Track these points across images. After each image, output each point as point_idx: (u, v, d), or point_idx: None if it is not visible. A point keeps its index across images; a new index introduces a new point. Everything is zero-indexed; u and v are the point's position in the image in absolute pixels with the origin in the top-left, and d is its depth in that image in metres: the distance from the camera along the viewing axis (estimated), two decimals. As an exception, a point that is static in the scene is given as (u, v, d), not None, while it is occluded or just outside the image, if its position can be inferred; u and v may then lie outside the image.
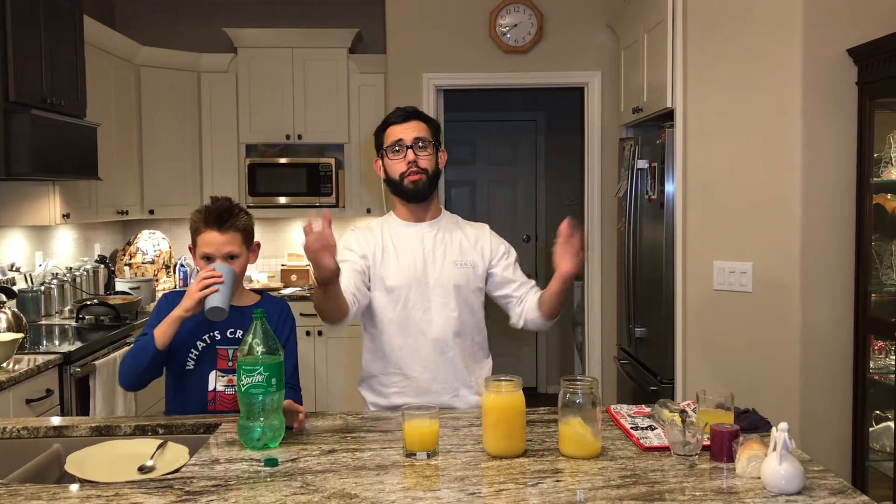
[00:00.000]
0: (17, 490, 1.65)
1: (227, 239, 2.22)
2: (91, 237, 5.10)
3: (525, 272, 2.48)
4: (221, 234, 2.22)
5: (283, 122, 5.35)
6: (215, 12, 5.58)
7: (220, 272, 2.12)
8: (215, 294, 2.09)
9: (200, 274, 2.13)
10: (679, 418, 1.93)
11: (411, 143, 2.30)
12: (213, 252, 2.22)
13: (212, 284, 2.09)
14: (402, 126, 2.32)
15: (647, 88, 4.06)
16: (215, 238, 2.22)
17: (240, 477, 1.72)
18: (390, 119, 2.36)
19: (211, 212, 2.23)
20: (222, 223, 2.22)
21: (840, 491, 1.62)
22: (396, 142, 2.31)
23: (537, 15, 4.80)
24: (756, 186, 3.38)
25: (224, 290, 2.10)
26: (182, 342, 2.21)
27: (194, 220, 2.26)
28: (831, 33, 3.24)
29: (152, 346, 2.13)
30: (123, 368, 2.22)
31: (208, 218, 2.22)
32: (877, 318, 3.18)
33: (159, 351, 2.14)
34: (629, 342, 4.35)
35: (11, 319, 3.39)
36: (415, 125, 2.33)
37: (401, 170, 2.31)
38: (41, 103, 3.47)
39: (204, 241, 2.23)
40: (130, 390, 2.24)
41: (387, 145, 2.34)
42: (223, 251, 2.22)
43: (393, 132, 2.33)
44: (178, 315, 2.12)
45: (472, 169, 6.73)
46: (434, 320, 2.32)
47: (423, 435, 1.85)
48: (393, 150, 2.32)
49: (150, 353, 2.14)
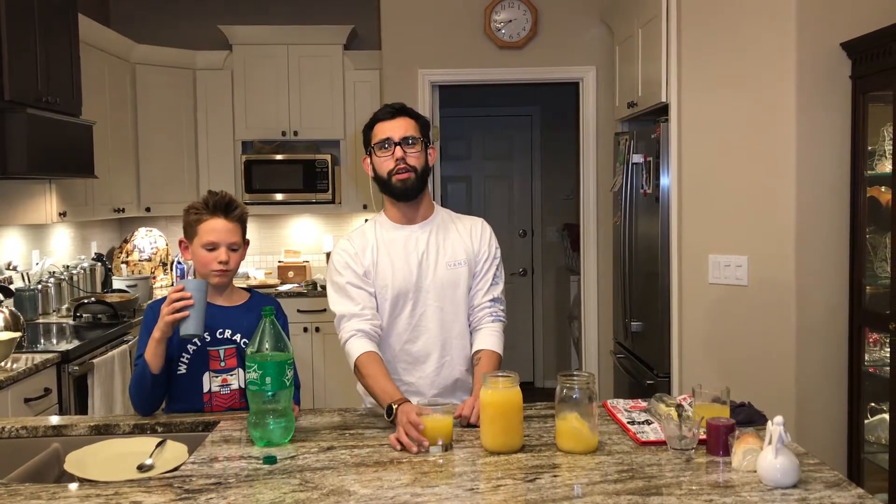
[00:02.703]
0: (17, 490, 1.66)
1: (232, 228, 2.22)
2: (88, 235, 5.10)
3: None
4: (228, 222, 2.21)
5: (279, 119, 5.35)
6: (210, 9, 5.57)
7: (190, 291, 2.06)
8: (187, 319, 2.04)
9: (169, 296, 2.07)
10: (675, 413, 1.94)
11: (399, 141, 2.24)
12: (219, 240, 2.20)
13: (182, 309, 2.04)
14: (390, 123, 2.26)
15: (642, 83, 4.07)
16: (222, 225, 2.20)
17: (239, 475, 1.73)
18: (378, 116, 2.30)
19: (217, 199, 2.22)
20: (229, 211, 2.22)
21: (835, 484, 1.63)
22: (384, 139, 2.25)
23: (532, 10, 4.80)
24: (751, 180, 3.39)
25: (195, 312, 2.05)
26: (172, 350, 2.18)
27: (194, 210, 2.23)
28: (825, 27, 3.25)
29: (149, 372, 2.13)
30: (133, 398, 2.21)
31: (215, 206, 2.21)
32: (871, 310, 3.19)
33: (156, 375, 2.14)
34: (625, 336, 4.36)
35: (9, 318, 3.39)
36: (403, 122, 2.26)
37: (389, 167, 2.25)
38: (36, 102, 3.47)
39: (209, 227, 2.20)
40: (148, 414, 2.21)
41: (375, 143, 2.27)
42: (228, 240, 2.21)
43: (381, 129, 2.27)
44: (157, 338, 2.10)
45: (468, 164, 6.73)
46: (429, 324, 2.30)
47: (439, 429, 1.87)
48: (381, 147, 2.25)
49: (148, 380, 2.14)
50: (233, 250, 2.22)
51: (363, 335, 2.21)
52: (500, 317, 2.36)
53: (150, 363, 2.12)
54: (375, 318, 2.26)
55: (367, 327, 2.22)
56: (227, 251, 2.21)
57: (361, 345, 2.19)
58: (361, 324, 2.22)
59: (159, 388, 2.18)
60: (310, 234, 5.79)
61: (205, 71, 5.34)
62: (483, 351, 2.29)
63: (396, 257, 2.30)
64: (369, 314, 2.24)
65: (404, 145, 2.24)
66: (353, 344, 2.20)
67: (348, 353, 2.21)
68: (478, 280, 2.36)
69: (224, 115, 5.36)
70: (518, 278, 6.52)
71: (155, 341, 2.10)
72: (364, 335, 2.21)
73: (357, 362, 2.18)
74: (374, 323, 2.24)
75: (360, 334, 2.20)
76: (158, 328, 2.08)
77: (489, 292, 2.36)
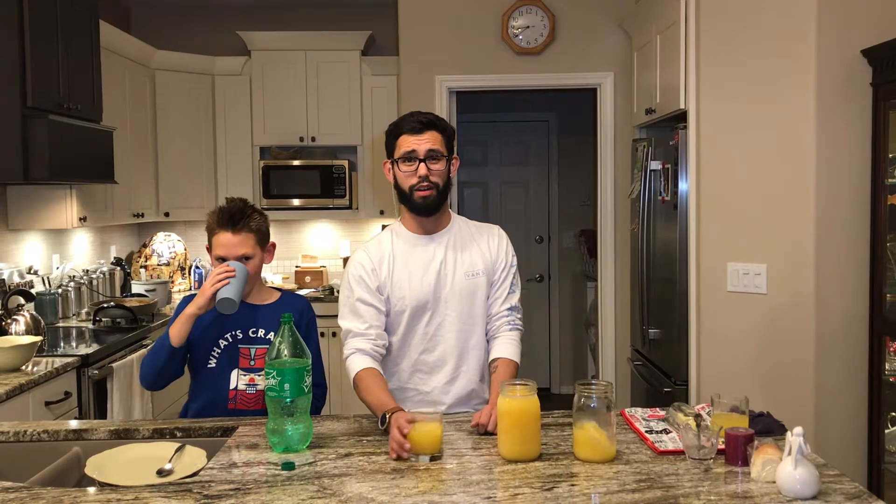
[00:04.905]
0: (39, 493, 1.67)
1: (240, 240, 2.26)
2: (107, 240, 5.14)
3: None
4: (234, 235, 2.26)
5: (297, 125, 5.38)
6: (229, 16, 5.61)
7: (233, 267, 2.18)
8: (226, 286, 2.15)
9: (213, 271, 2.19)
10: (694, 422, 1.93)
11: (424, 157, 2.21)
12: (226, 254, 2.26)
13: (224, 278, 2.14)
14: (415, 137, 2.22)
15: (660, 89, 4.06)
16: (228, 239, 2.26)
17: (258, 480, 1.74)
18: (404, 127, 2.25)
19: (224, 213, 2.27)
20: (235, 224, 2.26)
21: (856, 496, 1.62)
22: (409, 153, 2.22)
23: (549, 16, 4.80)
24: (770, 188, 3.37)
25: (235, 283, 2.16)
26: (204, 341, 2.26)
27: (209, 221, 2.30)
28: (845, 34, 3.23)
29: (168, 343, 2.20)
30: (143, 367, 2.28)
31: (221, 219, 2.27)
32: (892, 319, 3.16)
33: (175, 348, 2.19)
34: (643, 343, 4.34)
35: (30, 322, 3.43)
36: (429, 136, 2.23)
37: (411, 183, 2.23)
38: (58, 108, 3.50)
39: (218, 242, 2.28)
40: (150, 389, 2.30)
41: (398, 156, 2.25)
42: (236, 253, 2.25)
43: (406, 142, 2.23)
44: (191, 312, 2.18)
45: (485, 170, 6.74)
46: (447, 334, 2.30)
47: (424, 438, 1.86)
48: (405, 161, 2.23)
49: (165, 351, 2.20)
50: (245, 259, 2.27)
51: (363, 354, 2.23)
52: (517, 325, 2.37)
53: (172, 335, 2.19)
54: (380, 337, 2.27)
55: (369, 347, 2.23)
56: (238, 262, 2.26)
57: (361, 362, 2.21)
58: (364, 343, 2.24)
59: (174, 365, 2.25)
60: (327, 240, 5.81)
61: (224, 77, 5.37)
62: (500, 359, 2.29)
63: (415, 268, 2.30)
64: (373, 333, 2.26)
65: (428, 161, 2.22)
66: (352, 361, 2.23)
67: (348, 369, 2.24)
68: (495, 289, 2.36)
69: (242, 121, 5.39)
70: (534, 284, 6.51)
71: (187, 315, 2.19)
72: (364, 354, 2.22)
73: (356, 378, 2.20)
74: (376, 343, 2.25)
75: (360, 353, 2.23)
76: (195, 303, 2.18)
77: (506, 301, 2.36)
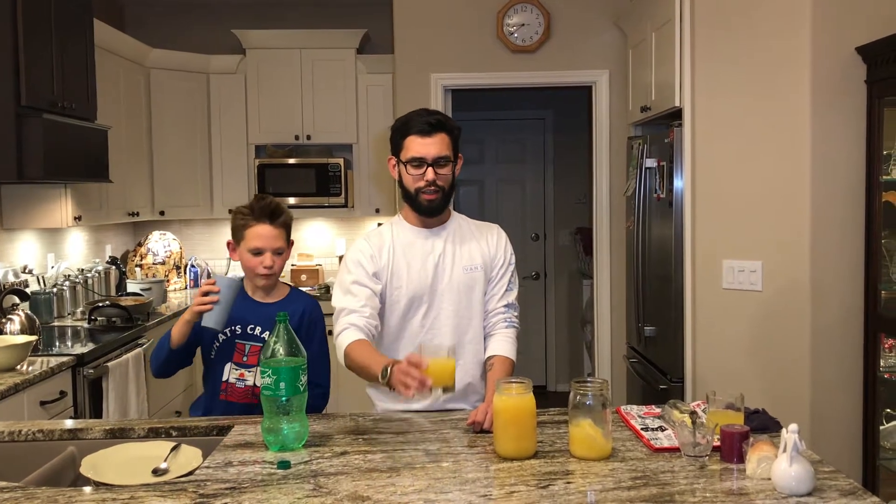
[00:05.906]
0: (34, 493, 1.67)
1: (278, 233, 2.33)
2: (102, 239, 5.13)
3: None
4: (274, 228, 2.32)
5: (292, 123, 5.37)
6: (224, 14, 5.60)
7: (220, 287, 2.18)
8: (210, 313, 2.18)
9: (201, 287, 2.22)
10: (689, 419, 1.93)
11: (432, 162, 2.21)
12: (264, 245, 2.31)
13: (207, 303, 2.17)
14: (424, 141, 2.21)
15: (656, 87, 4.06)
16: (268, 231, 2.31)
17: (253, 479, 1.74)
18: (413, 128, 2.23)
19: (265, 207, 2.33)
20: (274, 218, 2.32)
21: (850, 492, 1.62)
22: (418, 158, 2.21)
23: (544, 14, 4.80)
24: (765, 185, 3.38)
25: (219, 308, 2.18)
26: (209, 332, 2.31)
27: (240, 215, 2.35)
28: (840, 31, 3.23)
29: (167, 345, 2.29)
30: (152, 358, 2.38)
31: (262, 212, 2.32)
32: (887, 316, 3.17)
33: (173, 350, 2.28)
34: (638, 341, 4.35)
35: (25, 321, 3.42)
36: (438, 140, 2.21)
37: (418, 185, 2.23)
38: (52, 107, 3.49)
39: (255, 233, 2.31)
40: (159, 377, 2.42)
41: (406, 159, 2.24)
42: (273, 245, 2.32)
43: (414, 144, 2.22)
44: (186, 319, 2.25)
45: (481, 168, 6.73)
46: (443, 327, 2.31)
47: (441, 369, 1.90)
48: (413, 164, 2.23)
49: (165, 352, 2.31)
50: (277, 254, 2.33)
51: (356, 329, 2.20)
52: (513, 323, 2.37)
53: (172, 337, 2.27)
54: (374, 317, 2.25)
55: (362, 323, 2.21)
56: (272, 256, 2.32)
57: (352, 335, 2.18)
58: (358, 319, 2.21)
59: (174, 360, 2.33)
60: (323, 238, 5.81)
61: (219, 75, 5.36)
62: (496, 357, 2.30)
63: (413, 259, 2.31)
64: (368, 312, 2.23)
65: (436, 166, 2.22)
66: (344, 335, 2.20)
67: (338, 344, 2.21)
68: (493, 286, 2.37)
69: (238, 119, 5.38)
70: (531, 282, 6.51)
71: (183, 321, 2.25)
72: (358, 329, 2.20)
73: (346, 350, 2.17)
74: (370, 322, 2.23)
75: (354, 328, 2.20)
76: (188, 311, 2.23)
77: (503, 298, 2.37)
